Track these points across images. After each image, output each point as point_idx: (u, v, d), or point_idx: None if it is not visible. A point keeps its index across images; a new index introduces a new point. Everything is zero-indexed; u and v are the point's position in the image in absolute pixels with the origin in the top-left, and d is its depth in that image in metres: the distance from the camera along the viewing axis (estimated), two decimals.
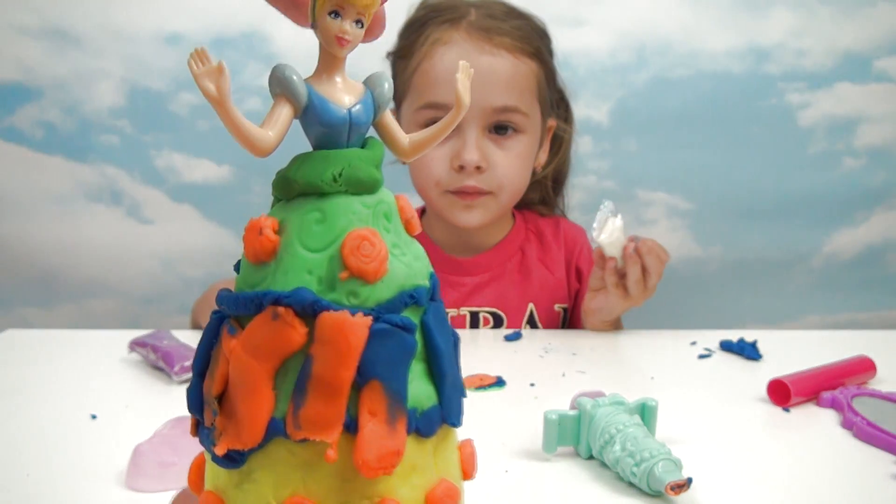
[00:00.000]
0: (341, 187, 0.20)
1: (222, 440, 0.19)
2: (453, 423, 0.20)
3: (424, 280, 0.20)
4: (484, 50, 0.82)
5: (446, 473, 0.21)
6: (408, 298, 0.19)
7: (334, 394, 0.18)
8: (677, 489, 0.42)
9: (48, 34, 1.10)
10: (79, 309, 1.19)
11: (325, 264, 0.19)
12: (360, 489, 0.19)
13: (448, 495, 0.20)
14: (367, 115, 0.21)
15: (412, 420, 0.19)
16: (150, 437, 0.48)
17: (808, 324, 1.26)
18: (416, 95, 0.86)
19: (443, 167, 0.85)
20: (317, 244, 0.19)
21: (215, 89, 0.19)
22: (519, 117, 0.85)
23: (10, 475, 0.47)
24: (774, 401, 0.61)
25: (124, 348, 0.71)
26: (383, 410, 0.18)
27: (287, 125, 0.21)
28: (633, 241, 0.81)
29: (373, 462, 0.18)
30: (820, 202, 1.22)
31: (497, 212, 0.89)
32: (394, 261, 0.20)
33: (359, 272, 0.19)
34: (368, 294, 0.19)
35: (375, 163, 0.21)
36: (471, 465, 0.22)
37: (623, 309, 0.84)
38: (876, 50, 1.18)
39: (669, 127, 1.18)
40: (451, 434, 0.21)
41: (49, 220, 1.15)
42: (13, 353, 0.75)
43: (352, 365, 0.18)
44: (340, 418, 0.18)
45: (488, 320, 0.92)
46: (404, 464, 0.19)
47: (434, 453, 0.20)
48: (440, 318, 0.20)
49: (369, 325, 0.18)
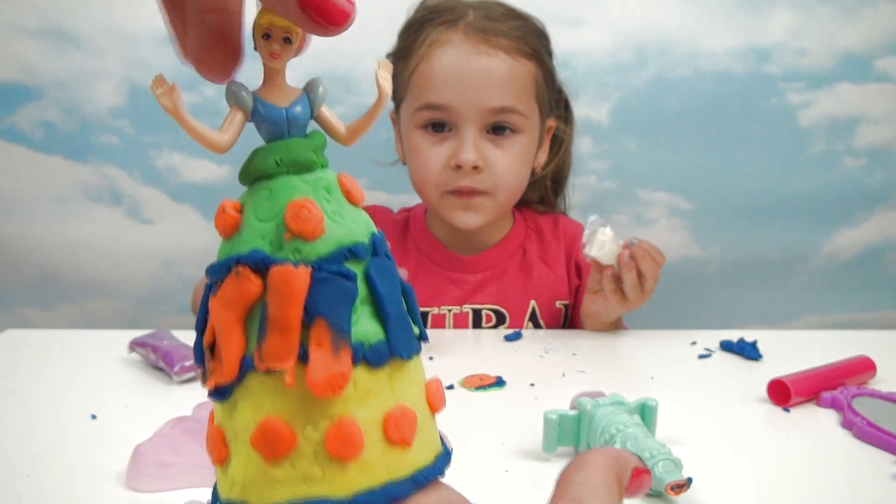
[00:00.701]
0: (283, 169, 0.25)
1: (211, 379, 0.24)
2: (401, 355, 0.24)
3: (364, 239, 0.24)
4: (481, 51, 0.83)
5: (405, 400, 0.24)
6: (347, 252, 0.24)
7: (286, 330, 0.22)
8: (677, 489, 0.42)
9: (48, 34, 1.10)
10: (79, 309, 1.19)
11: (274, 230, 0.24)
12: (320, 410, 0.23)
13: (404, 416, 0.23)
14: (304, 112, 0.26)
15: (360, 352, 0.23)
16: (150, 437, 0.48)
17: (808, 324, 1.26)
18: (415, 96, 0.86)
19: (440, 167, 0.85)
20: (266, 215, 0.24)
21: (171, 105, 0.25)
22: (516, 118, 0.85)
23: (10, 475, 0.47)
24: (774, 401, 0.61)
25: (124, 348, 0.71)
26: (328, 342, 0.22)
27: (239, 126, 0.26)
28: (629, 247, 0.80)
29: (321, 383, 0.22)
30: (820, 202, 1.22)
31: (495, 212, 0.89)
32: (331, 223, 0.24)
33: (299, 232, 0.23)
34: (310, 250, 0.23)
35: (313, 148, 0.25)
36: (437, 399, 0.25)
37: (621, 312, 0.84)
38: (876, 50, 1.18)
39: (669, 127, 1.18)
40: (407, 367, 0.24)
41: (49, 220, 1.15)
42: (13, 353, 0.75)
43: (298, 305, 0.22)
44: (294, 350, 0.22)
45: (491, 318, 0.92)
46: (359, 390, 0.23)
47: (390, 382, 0.24)
48: (383, 269, 0.24)
49: (309, 273, 0.23)
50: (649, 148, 1.19)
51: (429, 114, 0.85)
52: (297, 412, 0.23)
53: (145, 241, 1.17)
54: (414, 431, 0.24)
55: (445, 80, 0.83)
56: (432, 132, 0.86)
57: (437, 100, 0.84)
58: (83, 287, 1.17)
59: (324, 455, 0.23)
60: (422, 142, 0.87)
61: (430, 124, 0.86)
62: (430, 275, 0.93)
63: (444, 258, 0.94)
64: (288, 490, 0.23)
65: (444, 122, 0.85)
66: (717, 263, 1.24)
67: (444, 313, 0.92)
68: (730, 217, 1.22)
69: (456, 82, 0.83)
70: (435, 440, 0.25)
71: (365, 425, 0.23)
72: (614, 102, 1.18)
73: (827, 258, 1.24)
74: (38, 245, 1.15)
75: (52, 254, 1.15)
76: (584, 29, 1.15)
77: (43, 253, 1.15)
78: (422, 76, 0.85)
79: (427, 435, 0.25)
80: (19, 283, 1.16)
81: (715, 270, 1.24)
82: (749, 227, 1.22)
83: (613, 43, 1.16)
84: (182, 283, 1.17)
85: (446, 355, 0.75)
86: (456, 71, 0.83)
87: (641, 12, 1.16)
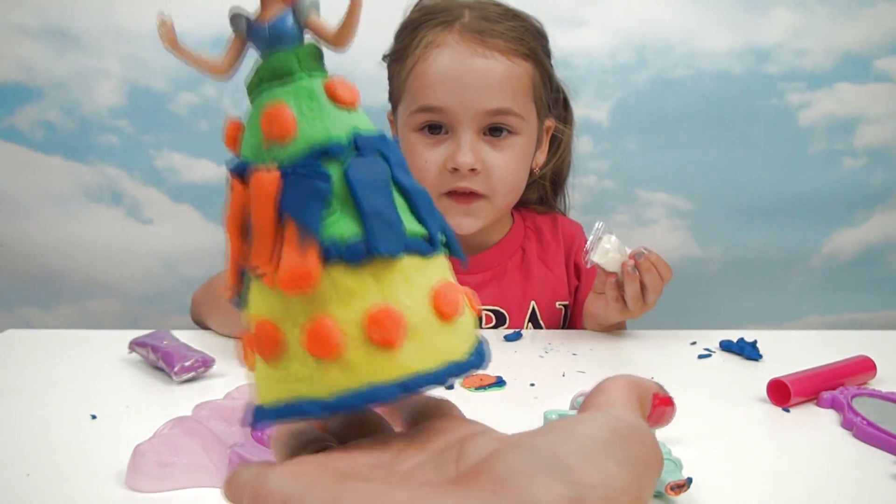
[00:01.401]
0: (265, 82, 0.25)
1: (226, 290, 0.26)
2: (382, 252, 0.23)
3: (341, 138, 0.24)
4: (477, 52, 0.82)
5: (395, 302, 0.23)
6: (319, 152, 0.24)
7: (264, 233, 0.23)
8: (677, 489, 0.42)
9: (48, 34, 1.10)
10: (79, 309, 1.19)
11: (257, 139, 0.24)
12: (301, 309, 0.23)
13: (388, 316, 0.23)
14: (291, 26, 0.26)
15: (336, 249, 0.23)
16: (150, 437, 0.48)
17: (808, 324, 1.26)
18: (411, 99, 0.86)
19: (438, 170, 0.85)
20: (251, 130, 0.25)
21: (167, 40, 0.25)
22: (513, 119, 0.85)
23: (10, 475, 0.47)
24: (774, 401, 0.61)
25: (124, 348, 0.71)
26: (295, 240, 0.23)
27: (236, 50, 0.26)
28: (635, 258, 0.80)
29: (287, 281, 0.22)
30: (820, 202, 1.22)
31: (494, 215, 0.89)
32: (305, 125, 0.24)
33: (270, 136, 0.24)
34: (283, 154, 0.24)
35: (296, 57, 0.25)
36: (446, 304, 0.24)
37: (621, 319, 0.84)
38: (876, 50, 1.18)
39: (669, 127, 1.18)
40: (400, 267, 0.24)
41: (49, 220, 1.15)
42: (13, 353, 0.75)
43: (269, 208, 0.23)
44: (268, 251, 0.23)
45: (490, 318, 0.92)
46: (339, 290, 0.23)
47: (377, 282, 0.23)
48: (366, 167, 0.24)
49: (278, 175, 0.23)
50: (649, 148, 1.19)
51: (425, 116, 0.85)
52: (283, 313, 0.23)
53: (145, 241, 1.17)
54: (401, 333, 0.23)
55: (441, 82, 0.83)
56: (429, 134, 0.86)
57: (433, 102, 0.83)
58: (83, 287, 1.17)
59: (307, 355, 0.23)
60: (418, 144, 0.86)
61: (427, 126, 0.86)
62: None
63: None
64: (284, 389, 0.23)
65: (440, 125, 0.85)
66: (717, 263, 1.24)
67: None
68: (730, 217, 1.22)
69: (452, 84, 0.82)
70: (443, 348, 0.24)
71: (344, 325, 0.23)
72: (614, 102, 1.18)
73: (827, 258, 1.24)
74: (38, 245, 1.15)
75: (52, 254, 1.15)
76: (584, 29, 1.15)
77: (43, 253, 1.15)
78: (417, 78, 0.84)
79: (428, 340, 0.24)
80: (19, 283, 1.16)
81: (715, 270, 1.24)
82: (749, 227, 1.22)
83: (613, 43, 1.16)
84: (182, 283, 1.17)
85: None
86: (452, 73, 0.82)
87: (641, 12, 1.16)
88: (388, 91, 0.93)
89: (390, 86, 0.92)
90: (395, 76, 0.89)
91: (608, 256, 0.81)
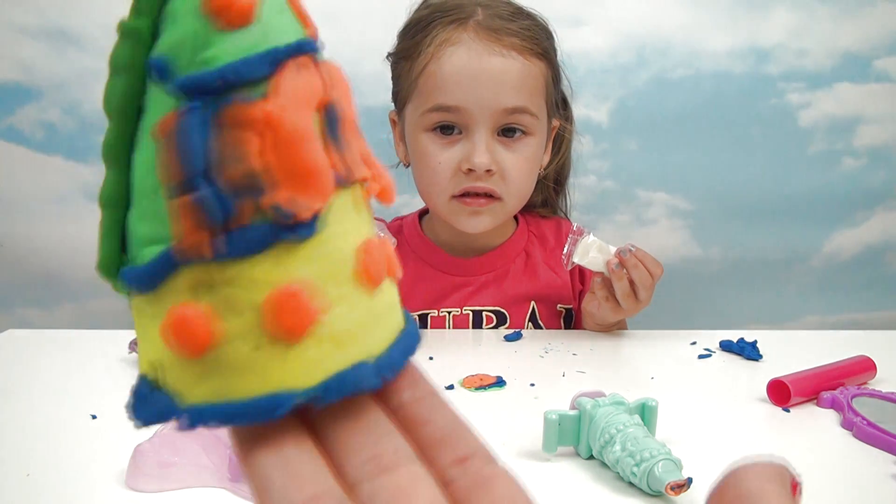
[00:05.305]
0: None
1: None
2: None
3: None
4: (493, 51, 0.80)
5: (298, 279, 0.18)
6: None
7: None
8: (677, 489, 0.42)
9: (48, 34, 1.10)
10: (79, 309, 1.19)
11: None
12: None
13: (291, 294, 0.17)
14: None
15: None
16: (150, 437, 0.48)
17: (808, 324, 1.26)
18: (423, 98, 0.83)
19: (451, 172, 0.83)
20: None
21: None
22: (528, 119, 0.83)
23: (10, 475, 0.47)
24: (774, 401, 0.61)
25: (124, 348, 0.71)
26: None
27: None
28: (620, 255, 0.80)
29: None
30: (820, 202, 1.22)
31: (504, 217, 0.88)
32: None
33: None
34: None
35: None
36: (372, 267, 0.18)
37: (616, 318, 0.83)
38: (876, 50, 1.18)
39: (669, 127, 1.18)
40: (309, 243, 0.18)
41: (49, 220, 1.15)
42: (13, 353, 0.75)
43: None
44: None
45: (491, 319, 0.92)
46: None
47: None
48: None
49: None
50: (649, 148, 1.19)
51: (439, 115, 0.82)
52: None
53: None
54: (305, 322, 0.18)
55: (457, 80, 0.80)
56: (441, 135, 0.83)
57: (448, 101, 0.81)
58: (83, 287, 1.17)
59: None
60: (431, 145, 0.84)
61: (439, 127, 0.83)
62: (430, 280, 0.93)
63: (442, 261, 0.94)
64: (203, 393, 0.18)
65: (453, 125, 0.83)
66: (717, 263, 1.24)
67: (444, 315, 0.91)
68: (730, 217, 1.22)
69: (468, 83, 0.80)
70: (382, 331, 0.19)
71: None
72: (614, 102, 1.18)
73: (827, 258, 1.24)
74: (39, 245, 1.15)
75: (52, 254, 1.15)
76: (584, 29, 1.15)
77: (43, 253, 1.15)
78: (431, 77, 0.82)
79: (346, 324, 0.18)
80: (19, 283, 1.16)
81: (715, 270, 1.24)
82: (749, 227, 1.22)
83: (613, 43, 1.16)
84: None
85: (446, 355, 0.75)
86: (468, 71, 0.80)
87: (641, 12, 1.16)
88: (393, 90, 0.91)
89: (395, 85, 0.90)
90: (402, 75, 0.86)
91: (589, 256, 0.80)
